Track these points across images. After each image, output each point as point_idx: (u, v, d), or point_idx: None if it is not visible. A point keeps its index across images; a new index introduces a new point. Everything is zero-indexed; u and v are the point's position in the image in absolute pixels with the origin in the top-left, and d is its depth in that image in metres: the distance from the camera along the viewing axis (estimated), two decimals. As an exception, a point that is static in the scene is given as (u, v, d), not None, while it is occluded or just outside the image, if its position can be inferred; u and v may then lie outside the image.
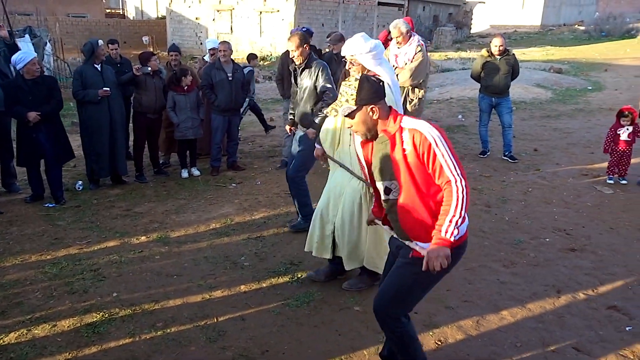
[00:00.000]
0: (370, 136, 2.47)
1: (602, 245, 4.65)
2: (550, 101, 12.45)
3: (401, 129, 2.35)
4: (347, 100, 2.39)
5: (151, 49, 20.51)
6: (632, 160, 6.41)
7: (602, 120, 10.03)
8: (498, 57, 7.07)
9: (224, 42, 6.82)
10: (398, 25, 5.81)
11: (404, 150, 2.33)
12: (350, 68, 3.45)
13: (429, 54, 6.49)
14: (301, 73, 4.70)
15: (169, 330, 3.36)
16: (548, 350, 3.17)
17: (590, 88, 14.49)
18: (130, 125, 6.76)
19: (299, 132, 4.80)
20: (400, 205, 2.43)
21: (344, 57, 3.52)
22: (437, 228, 2.30)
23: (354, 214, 3.62)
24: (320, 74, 4.60)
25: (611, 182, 6.36)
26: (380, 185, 2.53)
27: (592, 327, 3.41)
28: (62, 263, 4.29)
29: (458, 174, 2.28)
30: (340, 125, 3.65)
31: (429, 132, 2.30)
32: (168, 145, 7.15)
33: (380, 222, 2.77)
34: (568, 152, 7.86)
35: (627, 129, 6.26)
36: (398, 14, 29.47)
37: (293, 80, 4.82)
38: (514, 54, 7.28)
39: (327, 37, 7.21)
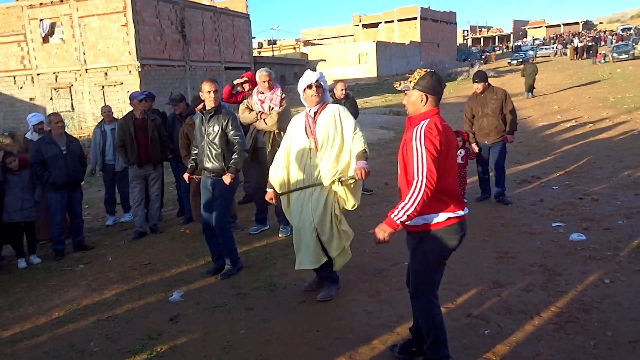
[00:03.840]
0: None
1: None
2: (393, 140, 13.48)
3: (420, 124, 2.73)
4: (410, 81, 2.82)
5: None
6: (468, 180, 7.06)
7: (439, 150, 11.04)
8: (342, 99, 7.48)
9: (54, 114, 6.38)
10: (269, 71, 5.87)
11: (406, 139, 2.77)
12: (312, 95, 4.02)
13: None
14: (209, 120, 4.76)
15: None
16: (420, 370, 3.17)
17: (426, 125, 16.02)
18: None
19: (206, 180, 4.85)
20: (399, 184, 2.90)
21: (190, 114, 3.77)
22: (393, 210, 2.70)
23: (326, 215, 4.01)
24: (230, 122, 4.73)
25: (454, 202, 6.91)
26: None
27: (456, 338, 3.51)
28: None
29: (422, 174, 2.64)
30: (287, 146, 4.16)
31: (424, 132, 2.68)
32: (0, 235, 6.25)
33: None
34: (415, 182, 8.41)
35: (461, 152, 6.90)
36: (246, 76, 30.27)
37: (199, 126, 4.86)
38: (353, 97, 7.77)
39: (169, 98, 7.06)
